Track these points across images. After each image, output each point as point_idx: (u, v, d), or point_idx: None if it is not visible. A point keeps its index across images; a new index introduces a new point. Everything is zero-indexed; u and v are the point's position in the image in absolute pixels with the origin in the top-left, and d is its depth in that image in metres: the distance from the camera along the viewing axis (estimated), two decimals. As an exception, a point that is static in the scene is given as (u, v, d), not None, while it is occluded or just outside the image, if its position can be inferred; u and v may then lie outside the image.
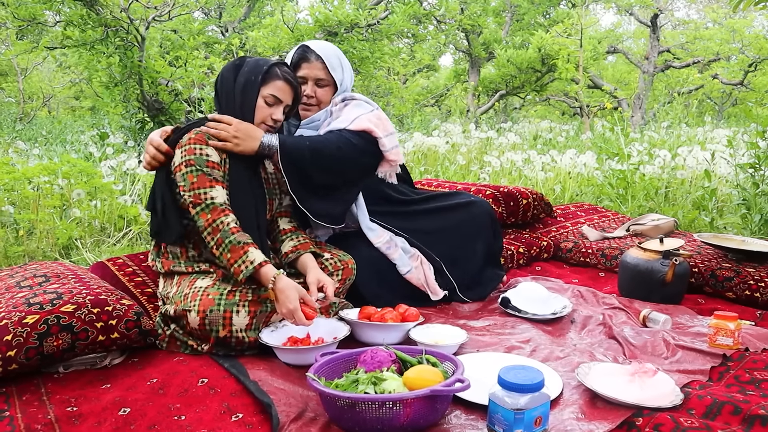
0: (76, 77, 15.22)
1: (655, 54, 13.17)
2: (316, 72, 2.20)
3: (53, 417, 1.42)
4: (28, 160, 5.13)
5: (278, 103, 1.92)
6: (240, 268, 1.72)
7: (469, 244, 2.42)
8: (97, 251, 3.22)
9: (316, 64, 2.20)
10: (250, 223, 1.89)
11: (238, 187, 1.88)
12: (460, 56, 16.92)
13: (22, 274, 1.99)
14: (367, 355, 1.51)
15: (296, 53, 2.22)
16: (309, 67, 2.20)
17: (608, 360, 1.76)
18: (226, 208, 1.79)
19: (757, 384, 1.58)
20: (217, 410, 1.43)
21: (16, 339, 1.55)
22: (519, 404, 1.27)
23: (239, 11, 15.07)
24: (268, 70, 1.88)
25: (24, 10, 6.26)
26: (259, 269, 1.72)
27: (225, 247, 1.73)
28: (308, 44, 2.23)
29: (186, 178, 1.78)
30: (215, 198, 1.77)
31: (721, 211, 4.07)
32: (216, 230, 1.75)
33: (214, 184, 1.79)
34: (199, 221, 1.78)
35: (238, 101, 1.90)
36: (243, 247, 1.73)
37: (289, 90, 1.93)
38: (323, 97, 2.24)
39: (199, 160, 1.79)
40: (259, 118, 1.91)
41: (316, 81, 2.22)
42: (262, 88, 1.89)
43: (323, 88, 2.23)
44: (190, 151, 1.80)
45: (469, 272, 2.39)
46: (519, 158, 5.41)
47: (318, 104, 2.25)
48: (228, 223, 1.76)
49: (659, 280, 2.28)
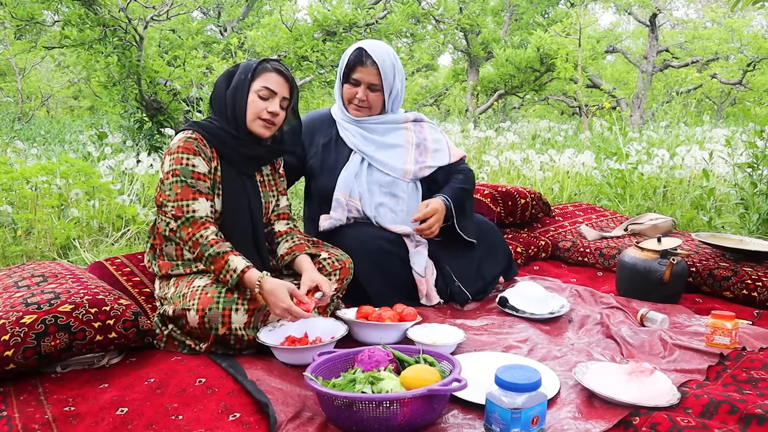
0: (74, 77, 15.21)
1: (654, 53, 13.17)
2: (370, 77, 2.23)
3: (50, 416, 1.42)
4: (26, 160, 5.12)
5: (273, 95, 1.88)
6: (225, 277, 1.74)
7: (483, 263, 2.42)
8: (96, 251, 3.22)
9: (371, 69, 2.22)
10: (244, 229, 1.90)
11: (232, 192, 1.88)
12: (458, 56, 16.92)
13: (20, 274, 1.99)
14: (364, 354, 1.51)
15: (353, 54, 2.23)
16: (363, 71, 2.22)
17: (606, 359, 1.77)
18: (207, 221, 1.79)
19: (754, 383, 1.58)
20: (215, 410, 1.43)
21: (14, 339, 1.55)
22: (516, 403, 1.27)
23: (238, 11, 15.07)
24: (257, 66, 1.88)
25: (22, 9, 6.24)
26: (243, 276, 1.72)
27: (206, 259, 1.76)
28: (365, 47, 2.23)
29: (171, 188, 1.79)
30: (197, 211, 1.78)
31: (720, 210, 4.08)
32: (196, 244, 1.77)
33: (197, 197, 1.79)
34: (181, 233, 1.79)
35: (230, 104, 1.88)
36: (223, 256, 1.74)
37: (283, 81, 1.90)
38: (374, 101, 2.29)
39: (185, 171, 1.79)
40: (253, 113, 1.87)
41: (369, 85, 2.25)
42: (253, 83, 1.87)
43: (375, 92, 2.27)
44: (177, 160, 1.80)
45: (475, 286, 2.38)
46: (517, 158, 5.41)
47: (369, 107, 2.30)
48: (207, 236, 1.76)
49: (657, 279, 2.28)
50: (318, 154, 2.33)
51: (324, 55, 7.30)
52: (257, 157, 1.96)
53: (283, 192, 2.11)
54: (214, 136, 1.87)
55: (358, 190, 2.26)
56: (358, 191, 2.26)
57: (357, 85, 2.26)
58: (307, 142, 2.35)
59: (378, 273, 2.18)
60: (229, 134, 1.88)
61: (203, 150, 1.84)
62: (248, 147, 1.91)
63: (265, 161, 2.01)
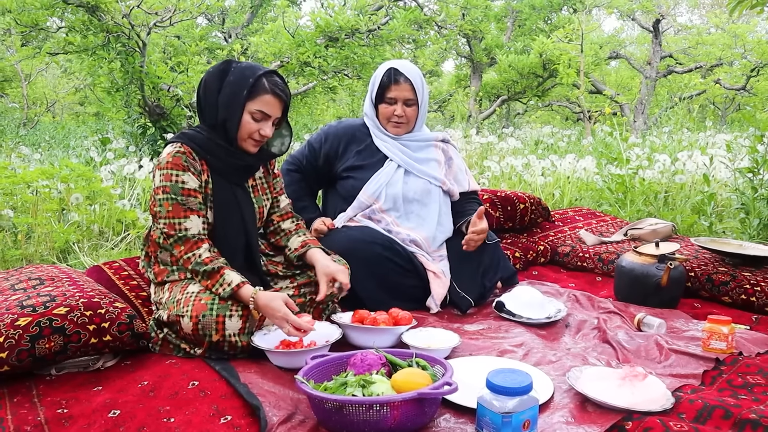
0: (80, 83, 15.28)
1: (658, 59, 13.17)
2: (405, 93, 2.35)
3: (43, 419, 1.43)
4: (29, 164, 5.15)
5: (266, 119, 1.84)
6: (218, 290, 1.74)
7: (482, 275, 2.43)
8: (95, 255, 3.23)
9: (405, 85, 2.34)
10: (236, 241, 1.91)
11: (224, 204, 1.87)
12: (461, 62, 16.94)
13: (17, 277, 2.00)
14: (357, 358, 1.51)
15: (385, 75, 2.36)
16: (398, 89, 2.34)
17: (601, 364, 1.76)
18: (199, 239, 1.79)
19: (749, 388, 1.57)
20: (207, 413, 1.43)
21: (8, 341, 1.56)
22: (507, 407, 1.26)
23: (242, 17, 15.15)
24: (254, 83, 1.79)
25: (26, 16, 6.29)
26: (237, 290, 1.73)
27: (201, 275, 1.76)
28: (396, 66, 2.37)
29: (162, 205, 1.78)
30: (189, 229, 1.78)
31: (721, 215, 4.06)
32: (188, 262, 1.78)
33: (188, 214, 1.78)
34: (173, 251, 1.80)
35: (221, 116, 1.82)
36: (219, 271, 1.75)
37: (278, 103, 1.85)
38: (411, 116, 2.40)
39: (174, 188, 1.78)
40: (245, 133, 1.83)
41: (405, 101, 2.36)
42: (248, 103, 1.80)
43: (411, 107, 2.39)
44: (167, 177, 1.78)
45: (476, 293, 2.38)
46: (519, 163, 5.40)
47: (407, 122, 2.41)
48: (200, 254, 1.77)
49: (655, 284, 2.28)
50: (351, 159, 2.42)
51: (326, 61, 7.33)
52: (247, 167, 1.94)
53: (281, 191, 2.11)
54: (203, 148, 1.83)
55: (386, 195, 2.35)
56: (386, 196, 2.35)
57: (393, 103, 2.37)
58: (341, 149, 2.44)
59: (371, 278, 2.18)
60: (218, 145, 1.85)
61: (192, 164, 1.80)
62: (238, 157, 1.88)
63: (254, 169, 1.99)
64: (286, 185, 2.27)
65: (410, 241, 2.33)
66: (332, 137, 2.45)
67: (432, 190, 2.42)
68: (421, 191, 2.40)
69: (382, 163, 2.40)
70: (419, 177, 2.41)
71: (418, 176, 2.41)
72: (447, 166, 2.52)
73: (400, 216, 2.38)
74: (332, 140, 2.45)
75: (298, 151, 2.51)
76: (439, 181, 2.43)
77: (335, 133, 2.46)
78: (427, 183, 2.42)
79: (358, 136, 2.46)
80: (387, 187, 2.37)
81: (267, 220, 2.09)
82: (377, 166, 2.39)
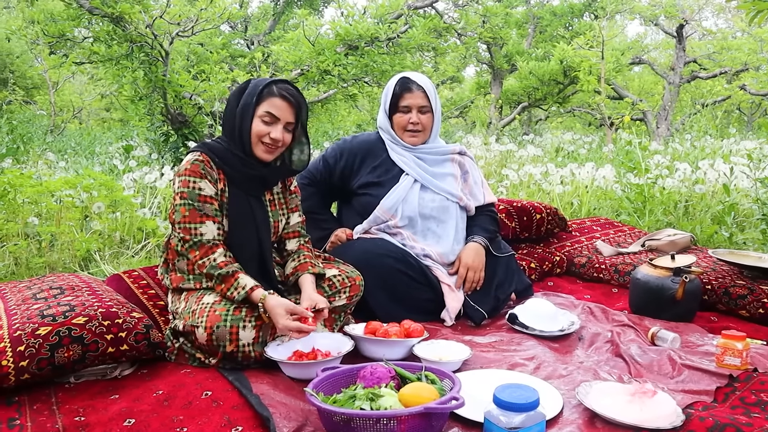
0: (106, 90, 15.57)
1: (681, 64, 12.99)
2: (418, 100, 2.38)
3: (61, 426, 1.47)
4: (54, 172, 5.27)
5: (276, 121, 1.89)
6: (233, 294, 1.78)
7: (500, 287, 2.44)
8: (116, 263, 3.30)
9: (418, 93, 2.38)
10: (251, 250, 1.94)
11: (238, 214, 1.92)
12: (482, 68, 16.90)
13: (39, 285, 2.06)
14: (366, 371, 1.52)
15: (397, 85, 2.40)
16: (412, 97, 2.38)
17: (613, 378, 1.75)
18: (214, 244, 1.84)
19: (762, 406, 1.55)
20: (219, 423, 1.46)
21: (29, 350, 1.60)
22: (513, 423, 1.27)
23: (264, 25, 15.31)
24: (263, 90, 1.87)
25: (54, 26, 6.46)
26: (251, 293, 1.77)
27: (216, 279, 1.81)
28: (407, 75, 2.42)
29: (179, 210, 1.84)
30: (204, 234, 1.83)
31: (742, 226, 4.00)
32: (202, 266, 1.82)
33: (204, 220, 1.83)
34: (189, 255, 1.84)
35: (237, 125, 1.90)
36: (233, 275, 1.80)
37: (287, 106, 1.90)
38: (427, 123, 2.43)
39: (192, 194, 1.83)
40: (255, 136, 1.89)
41: (420, 108, 2.39)
42: (257, 107, 1.88)
43: (426, 114, 2.42)
44: (184, 183, 1.84)
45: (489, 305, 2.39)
46: (537, 171, 5.39)
47: (423, 130, 2.43)
48: (215, 259, 1.82)
49: (670, 297, 2.26)
50: (367, 175, 2.44)
51: (346, 69, 7.38)
52: (262, 178, 1.98)
53: (295, 209, 2.14)
54: (221, 158, 1.90)
55: (402, 211, 2.36)
56: (402, 213, 2.36)
57: (408, 111, 2.40)
58: (357, 165, 2.46)
59: (384, 290, 2.19)
60: (235, 156, 1.91)
61: (209, 172, 1.87)
62: (253, 168, 1.93)
63: (270, 183, 2.03)
64: (302, 200, 2.29)
65: (424, 255, 2.34)
66: (347, 153, 2.47)
67: (449, 207, 2.43)
68: (438, 208, 2.41)
69: (398, 179, 2.41)
70: (436, 193, 2.42)
71: (435, 192, 2.42)
72: (463, 180, 2.53)
73: (416, 233, 2.40)
74: (347, 156, 2.46)
75: (311, 164, 2.53)
76: (456, 197, 2.44)
77: (350, 149, 2.48)
78: (444, 199, 2.42)
79: (373, 151, 2.48)
80: (403, 203, 2.37)
81: (279, 234, 2.12)
82: (393, 182, 2.41)
